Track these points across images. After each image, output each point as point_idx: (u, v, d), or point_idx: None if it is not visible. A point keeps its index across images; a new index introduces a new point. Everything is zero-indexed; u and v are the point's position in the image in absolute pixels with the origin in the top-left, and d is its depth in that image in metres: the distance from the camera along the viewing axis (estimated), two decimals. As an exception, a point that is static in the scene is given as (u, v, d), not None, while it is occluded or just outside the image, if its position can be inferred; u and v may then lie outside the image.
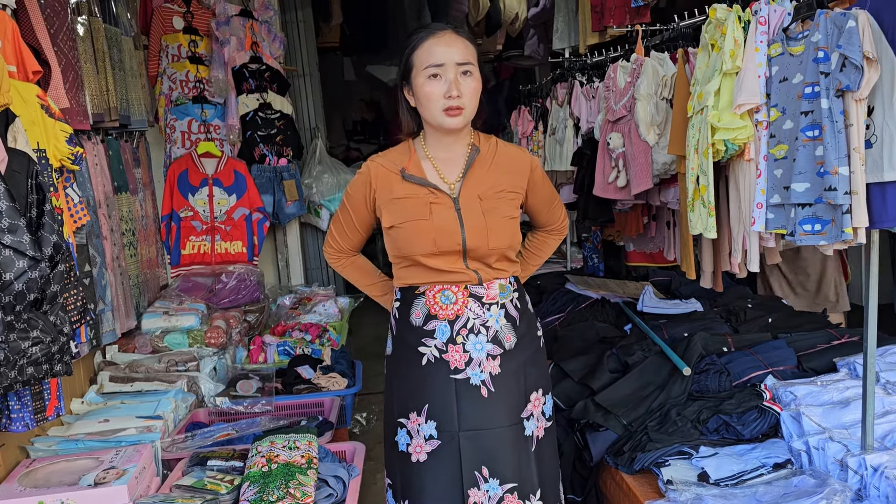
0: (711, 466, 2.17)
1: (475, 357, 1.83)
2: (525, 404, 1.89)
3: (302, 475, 1.97)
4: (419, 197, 1.84)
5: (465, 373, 1.83)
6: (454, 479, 1.81)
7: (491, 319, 1.85)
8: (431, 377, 1.84)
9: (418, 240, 1.82)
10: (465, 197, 1.85)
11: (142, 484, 2.02)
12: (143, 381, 2.77)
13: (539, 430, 1.92)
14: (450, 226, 1.81)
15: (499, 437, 1.83)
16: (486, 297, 1.86)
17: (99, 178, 2.86)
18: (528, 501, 1.86)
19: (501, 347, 1.86)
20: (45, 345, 1.69)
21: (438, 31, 1.77)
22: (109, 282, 2.83)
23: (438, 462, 1.81)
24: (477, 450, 1.81)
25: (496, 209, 1.85)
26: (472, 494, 1.80)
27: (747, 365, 2.61)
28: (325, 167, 4.67)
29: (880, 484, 1.87)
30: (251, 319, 3.66)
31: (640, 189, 2.85)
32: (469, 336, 1.83)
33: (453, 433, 1.81)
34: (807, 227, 1.77)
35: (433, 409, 1.83)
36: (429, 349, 1.85)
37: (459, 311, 1.84)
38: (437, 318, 1.84)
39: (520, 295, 1.95)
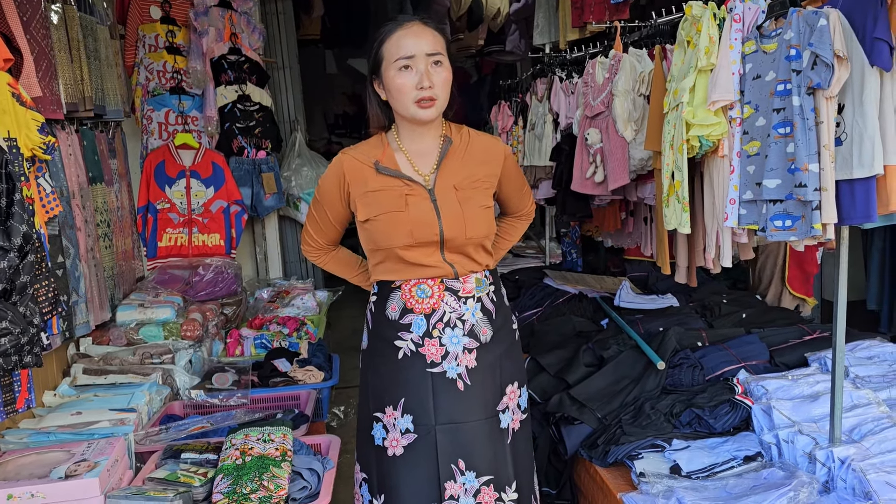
0: (683, 459, 2.19)
1: (451, 350, 1.83)
2: (501, 397, 1.90)
3: (276, 468, 1.97)
4: (394, 189, 1.83)
5: (442, 366, 1.83)
6: (431, 472, 1.81)
7: (467, 313, 1.85)
8: (408, 371, 1.84)
9: (395, 232, 1.82)
10: (441, 187, 1.84)
11: (114, 476, 2.00)
12: (117, 374, 2.75)
13: (514, 423, 1.93)
14: (426, 217, 1.81)
15: (475, 430, 1.84)
16: (463, 291, 1.86)
17: (73, 169, 2.82)
18: (505, 493, 1.87)
19: (478, 341, 1.86)
20: (14, 336, 1.67)
21: (406, 23, 1.77)
22: (83, 273, 2.80)
23: (415, 455, 1.81)
24: (453, 443, 1.81)
25: (471, 199, 1.85)
26: (449, 487, 1.81)
27: (720, 359, 2.65)
28: (304, 160, 4.64)
29: (847, 476, 1.90)
30: (228, 312, 3.64)
31: (617, 184, 2.87)
32: (445, 330, 1.83)
33: (430, 427, 1.81)
34: (778, 223, 1.79)
35: (409, 403, 1.83)
36: (405, 343, 1.84)
37: (436, 304, 1.84)
38: (414, 312, 1.84)
39: (496, 288, 1.95)
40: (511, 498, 1.89)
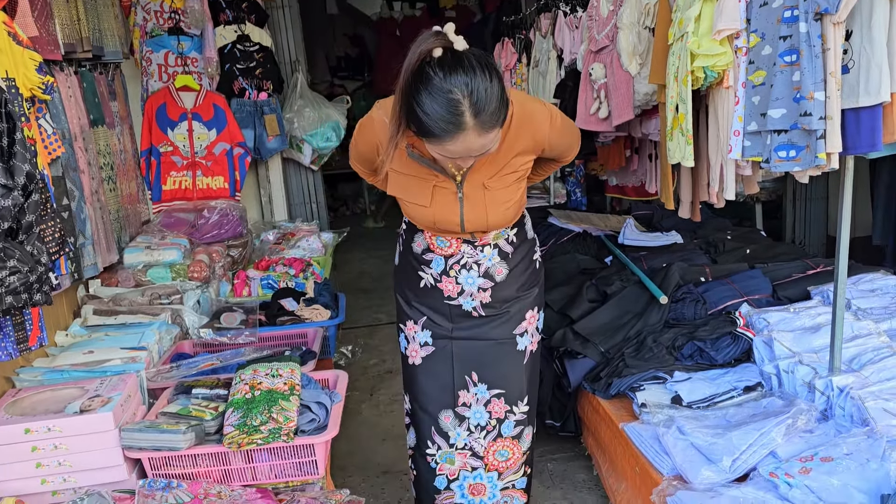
0: (684, 390, 2.23)
1: (466, 289, 1.93)
2: (520, 321, 1.99)
3: (284, 401, 2.01)
4: (423, 178, 1.77)
5: (458, 300, 1.94)
6: (446, 381, 1.98)
7: (483, 259, 1.91)
8: (428, 298, 1.97)
9: (418, 218, 1.86)
10: (470, 184, 1.77)
11: (127, 411, 2.05)
12: (126, 314, 2.79)
13: (532, 345, 2.04)
14: (450, 214, 1.80)
15: (490, 348, 1.96)
16: (479, 242, 1.90)
17: (73, 111, 2.81)
18: (517, 406, 2.02)
19: (492, 280, 1.93)
20: (22, 274, 1.69)
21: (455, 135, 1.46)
22: (89, 216, 2.81)
23: (432, 366, 1.99)
24: (468, 357, 1.96)
25: (499, 197, 1.79)
26: (462, 395, 1.99)
27: (723, 294, 2.67)
28: (306, 101, 4.59)
29: (845, 404, 1.93)
30: (234, 254, 3.66)
31: (622, 120, 2.84)
32: (461, 271, 1.91)
33: (447, 340, 1.96)
34: (782, 153, 1.77)
35: (429, 322, 1.97)
36: (426, 275, 1.95)
37: (454, 252, 1.90)
38: (434, 252, 1.92)
39: (518, 230, 1.96)
40: (522, 411, 2.04)
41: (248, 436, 1.91)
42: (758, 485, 1.74)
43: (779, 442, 1.84)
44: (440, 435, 2.04)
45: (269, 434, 1.92)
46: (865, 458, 1.69)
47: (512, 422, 2.03)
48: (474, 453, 2.05)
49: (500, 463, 2.07)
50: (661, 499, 1.83)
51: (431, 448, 2.06)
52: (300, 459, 2.00)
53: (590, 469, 2.73)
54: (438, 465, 2.07)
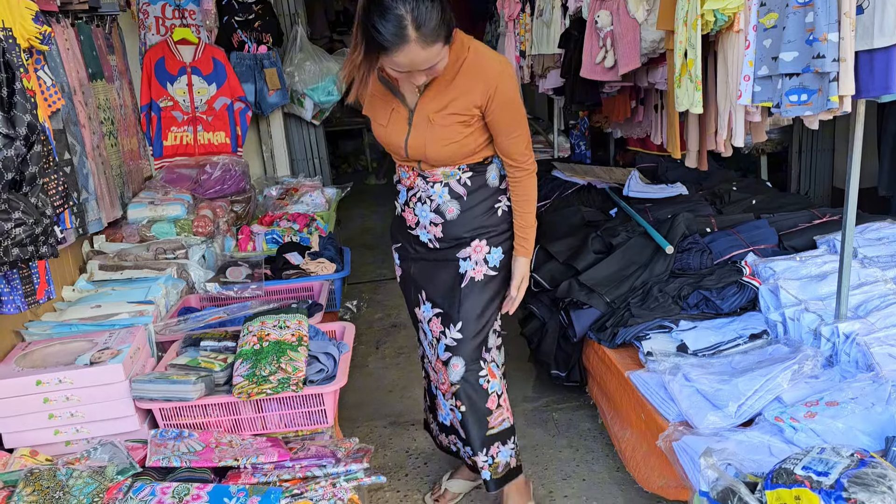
0: (690, 338, 2.24)
1: (421, 221, 2.12)
2: (465, 247, 2.11)
3: (293, 351, 2.02)
4: (386, 101, 2.01)
5: (416, 231, 2.15)
6: (412, 298, 2.23)
7: (434, 195, 2.08)
8: (399, 225, 2.21)
9: (378, 135, 2.08)
10: (419, 115, 1.98)
11: (137, 363, 2.07)
12: (132, 269, 2.79)
13: (476, 273, 2.12)
14: (398, 137, 2.00)
15: (435, 267, 2.14)
16: (431, 178, 2.07)
17: (72, 64, 2.77)
18: (448, 329, 2.14)
19: (443, 217, 2.09)
20: (28, 226, 1.69)
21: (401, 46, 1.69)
22: (91, 171, 2.79)
23: (403, 284, 2.26)
24: (420, 276, 2.17)
25: (440, 133, 1.97)
26: (417, 312, 2.22)
27: (729, 244, 2.66)
28: (306, 55, 4.52)
29: (851, 350, 1.94)
30: (238, 210, 3.65)
31: (628, 69, 2.80)
32: (417, 203, 2.11)
33: (409, 262, 2.20)
34: (793, 97, 1.75)
35: (399, 247, 2.23)
36: (398, 204, 2.19)
37: (412, 183, 2.10)
38: (401, 184, 2.16)
39: (473, 174, 2.06)
40: (453, 336, 2.14)
41: (258, 385, 1.93)
42: (763, 429, 1.76)
43: (784, 388, 1.86)
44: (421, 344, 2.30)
45: (279, 384, 1.93)
46: (870, 402, 1.70)
47: (444, 344, 2.14)
48: (434, 368, 2.25)
49: (442, 385, 2.21)
50: (667, 444, 1.85)
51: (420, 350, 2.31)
52: (309, 409, 2.02)
53: (595, 418, 2.77)
54: (425, 374, 2.33)
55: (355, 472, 1.83)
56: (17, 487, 1.65)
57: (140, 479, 1.76)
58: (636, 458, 2.23)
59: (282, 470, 1.83)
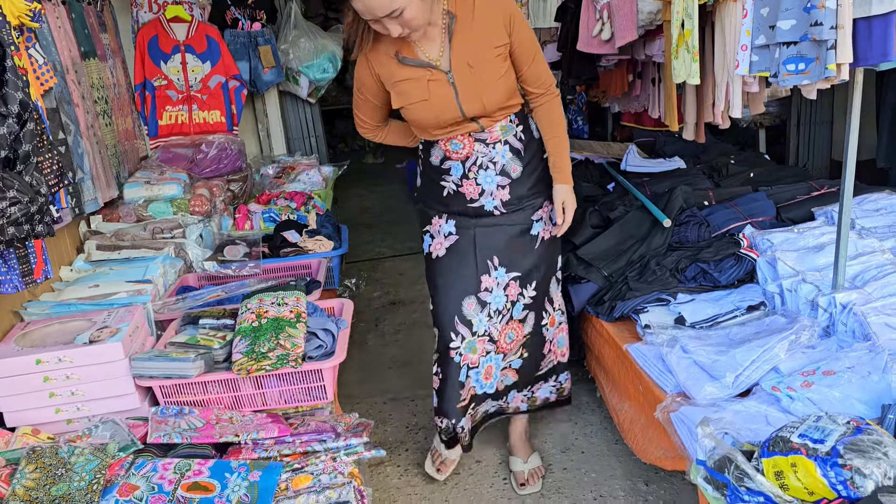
0: (688, 311, 2.25)
1: (486, 188, 2.11)
2: (536, 210, 2.18)
3: (291, 328, 2.02)
4: (418, 78, 1.99)
5: (480, 201, 2.13)
6: (470, 267, 2.16)
7: (497, 156, 2.09)
8: (452, 204, 2.17)
9: (424, 117, 2.04)
10: (457, 68, 1.99)
11: (136, 342, 2.07)
12: (130, 249, 2.79)
13: (544, 232, 2.22)
14: (447, 101, 1.99)
15: (509, 233, 2.16)
16: (490, 139, 2.08)
17: (64, 42, 2.74)
18: (525, 290, 2.22)
19: (509, 178, 2.12)
20: (23, 205, 1.68)
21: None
22: (86, 150, 2.78)
23: (455, 256, 2.18)
24: (489, 242, 2.15)
25: (486, 73, 1.99)
26: (484, 280, 2.17)
27: (727, 217, 2.66)
28: (301, 31, 4.48)
29: (847, 320, 1.95)
30: (235, 189, 3.64)
31: (625, 41, 2.77)
32: (479, 171, 2.10)
33: (470, 227, 2.16)
34: (791, 66, 1.73)
35: (453, 215, 2.16)
36: (448, 183, 2.14)
37: (468, 153, 2.08)
38: (451, 159, 2.11)
39: (524, 127, 2.14)
40: (530, 295, 2.24)
41: (257, 362, 1.93)
42: (760, 399, 1.77)
43: (781, 358, 1.86)
44: (463, 324, 2.19)
45: (277, 360, 1.94)
46: (867, 371, 1.71)
47: (521, 304, 2.23)
48: (491, 338, 2.22)
49: (507, 345, 2.25)
50: (664, 415, 1.86)
51: (455, 340, 2.19)
52: (309, 385, 2.03)
53: (593, 392, 2.78)
54: (462, 357, 2.21)
55: (355, 447, 1.85)
56: (19, 465, 1.66)
57: (142, 456, 1.78)
58: (634, 429, 2.24)
59: (282, 445, 1.85)
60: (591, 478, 2.38)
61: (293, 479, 1.70)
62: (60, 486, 1.61)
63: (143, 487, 1.64)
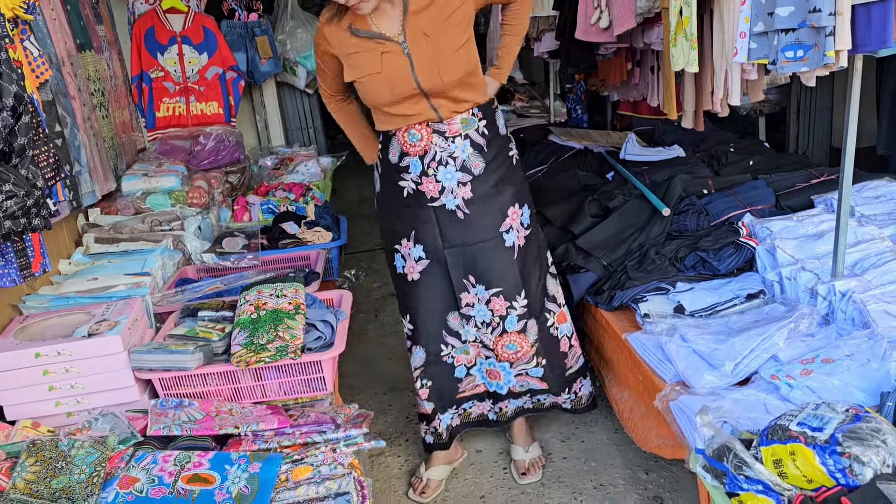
0: (687, 300, 2.25)
1: (447, 185, 2.04)
2: (503, 219, 2.11)
3: (290, 320, 2.02)
4: (370, 50, 1.95)
5: (441, 200, 2.06)
6: (446, 288, 2.13)
7: (457, 150, 2.03)
8: (413, 206, 2.08)
9: (378, 91, 1.97)
10: (412, 38, 1.93)
11: (135, 335, 2.07)
12: (128, 242, 2.78)
13: (520, 240, 2.15)
14: (402, 72, 1.93)
15: (480, 249, 2.10)
16: (449, 132, 2.02)
17: (59, 34, 2.73)
18: (515, 301, 2.15)
19: (470, 174, 2.05)
20: (19, 198, 1.67)
21: None
22: (83, 143, 2.77)
23: (430, 278, 2.13)
24: (462, 262, 2.10)
25: (444, 44, 1.93)
26: (464, 297, 2.15)
27: (726, 205, 2.65)
28: (298, 22, 4.46)
29: (847, 308, 1.94)
30: (233, 180, 3.63)
31: (623, 29, 2.75)
32: (439, 168, 2.03)
33: (438, 251, 2.09)
34: (789, 53, 1.72)
35: (419, 235, 2.10)
36: (407, 182, 2.06)
37: (426, 146, 2.01)
38: (409, 155, 2.03)
39: (488, 122, 2.07)
40: (521, 304, 2.17)
41: (256, 354, 1.93)
42: (759, 387, 1.77)
43: (780, 346, 1.86)
44: (452, 335, 2.19)
45: (276, 352, 1.94)
46: (866, 359, 1.71)
47: (514, 316, 2.17)
48: (484, 345, 2.21)
49: (509, 354, 2.21)
50: (663, 404, 1.86)
51: (446, 349, 2.20)
52: (308, 376, 2.03)
53: (593, 381, 2.78)
54: (455, 358, 2.21)
55: (355, 438, 1.85)
56: (19, 458, 1.66)
57: (142, 448, 1.78)
58: (634, 418, 2.25)
59: (282, 436, 1.85)
60: (592, 467, 2.39)
61: (293, 471, 1.70)
62: (61, 478, 1.61)
63: (143, 480, 1.64)
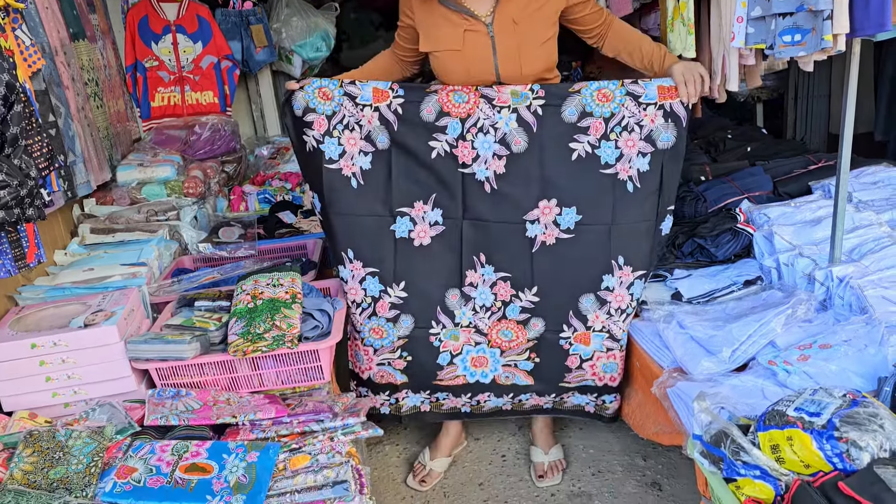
0: (684, 286, 2.24)
1: (482, 154, 1.95)
2: (531, 208, 2.00)
3: (287, 309, 2.02)
4: (454, 24, 1.89)
5: (472, 168, 1.96)
6: (454, 260, 2.04)
7: (500, 122, 1.92)
8: (440, 169, 1.98)
9: (452, 68, 1.92)
10: (500, 22, 1.88)
11: (132, 325, 2.07)
12: (124, 232, 2.77)
13: (548, 237, 2.02)
14: (483, 55, 1.88)
15: (498, 230, 2.01)
16: (497, 101, 1.91)
17: (52, 23, 2.70)
18: (523, 293, 2.06)
19: (508, 149, 1.94)
20: (12, 188, 1.66)
21: None
22: (77, 133, 2.75)
23: (442, 244, 2.03)
24: (477, 237, 2.01)
25: (531, 34, 1.88)
26: (469, 275, 2.05)
27: (723, 192, 2.64)
28: (293, 10, 4.42)
29: (845, 293, 1.94)
30: (229, 170, 3.61)
31: (621, 14, 2.73)
32: (478, 135, 1.93)
33: (457, 220, 2.01)
34: (786, 38, 1.72)
35: (440, 198, 2.00)
36: (439, 143, 1.95)
37: (471, 110, 1.91)
38: (450, 115, 1.93)
39: (545, 104, 1.93)
40: (530, 300, 2.07)
41: (253, 343, 1.93)
42: (756, 373, 1.77)
43: (778, 332, 1.86)
44: (445, 314, 2.11)
45: (273, 341, 1.94)
46: (864, 344, 1.71)
47: (517, 307, 2.09)
48: (478, 330, 2.14)
49: (503, 341, 2.15)
50: (661, 390, 1.87)
51: (435, 328, 2.13)
52: (305, 365, 2.03)
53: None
54: (442, 343, 2.14)
55: (352, 426, 1.85)
56: (17, 449, 1.66)
57: (139, 438, 1.78)
58: (631, 405, 2.25)
59: (280, 426, 1.85)
60: (589, 454, 2.39)
61: (291, 460, 1.70)
62: (58, 469, 1.61)
63: (140, 469, 1.64)
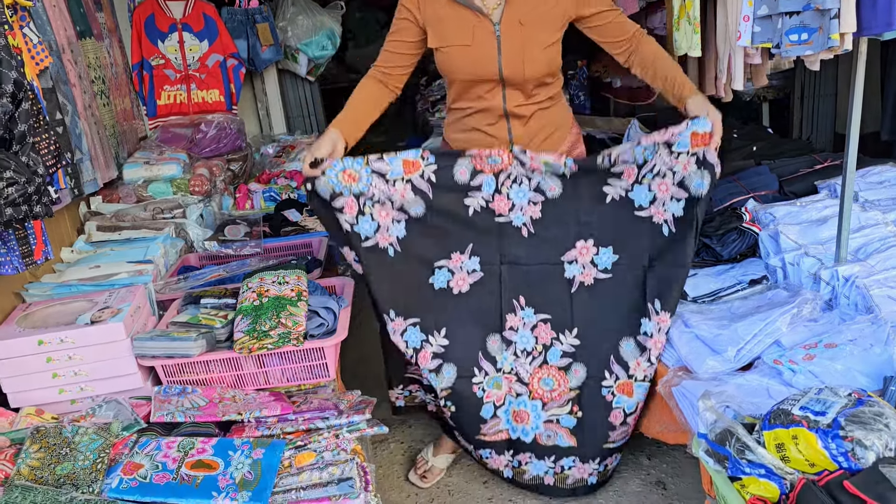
0: (690, 286, 2.24)
1: (517, 203, 1.97)
2: (569, 248, 2.00)
3: (292, 306, 2.02)
4: (464, 19, 1.91)
5: (509, 217, 1.98)
6: (494, 304, 2.01)
7: (535, 175, 1.95)
8: (477, 222, 1.98)
9: (459, 64, 1.94)
10: (507, 22, 1.90)
11: (138, 322, 2.08)
12: (130, 230, 2.78)
13: (585, 277, 2.01)
14: (488, 53, 1.90)
15: (537, 271, 2.00)
16: (529, 165, 1.93)
17: (59, 21, 2.72)
18: (563, 335, 2.02)
19: (543, 195, 1.96)
20: (20, 185, 1.67)
21: None
22: (84, 131, 2.76)
23: (481, 289, 2.01)
24: (515, 281, 2.00)
25: (535, 37, 1.90)
26: (510, 319, 2.02)
27: (729, 191, 2.64)
28: (299, 9, 4.43)
29: (850, 293, 1.94)
30: (235, 168, 3.63)
31: (627, 13, 2.73)
32: (513, 186, 1.96)
33: (495, 265, 2.00)
34: (793, 37, 1.71)
35: (477, 247, 1.99)
36: (475, 200, 1.97)
37: (504, 166, 1.94)
38: (484, 173, 1.95)
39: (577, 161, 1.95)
40: (571, 343, 2.03)
41: (258, 340, 1.94)
42: (762, 372, 1.77)
43: (783, 331, 1.86)
44: (487, 360, 2.05)
45: (279, 338, 1.94)
46: (869, 344, 1.70)
47: (559, 350, 2.03)
48: (519, 378, 2.06)
49: (544, 392, 2.05)
50: (666, 389, 1.87)
51: (478, 375, 2.05)
52: (311, 363, 2.04)
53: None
54: (486, 393, 2.06)
55: (358, 424, 1.85)
56: (23, 445, 1.66)
57: (145, 435, 1.78)
58: (636, 404, 2.24)
59: (285, 423, 1.85)
60: (594, 452, 2.39)
61: (296, 457, 1.71)
62: (65, 465, 1.62)
63: (147, 466, 1.65)
